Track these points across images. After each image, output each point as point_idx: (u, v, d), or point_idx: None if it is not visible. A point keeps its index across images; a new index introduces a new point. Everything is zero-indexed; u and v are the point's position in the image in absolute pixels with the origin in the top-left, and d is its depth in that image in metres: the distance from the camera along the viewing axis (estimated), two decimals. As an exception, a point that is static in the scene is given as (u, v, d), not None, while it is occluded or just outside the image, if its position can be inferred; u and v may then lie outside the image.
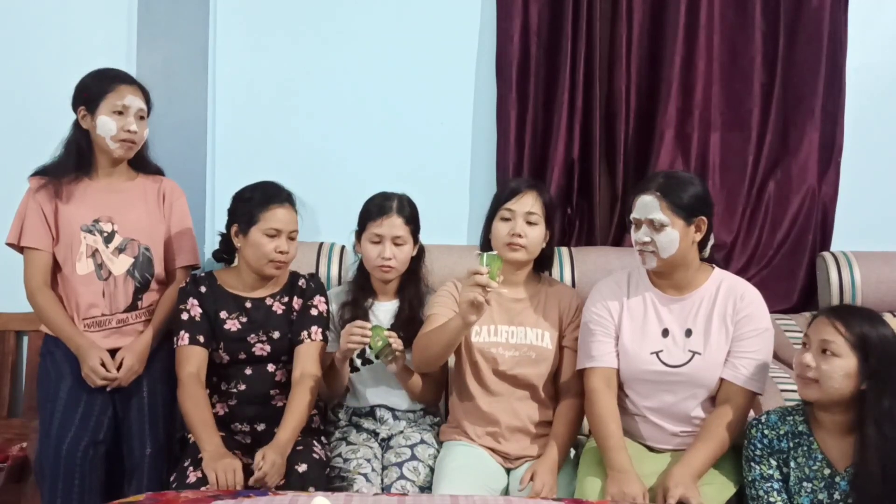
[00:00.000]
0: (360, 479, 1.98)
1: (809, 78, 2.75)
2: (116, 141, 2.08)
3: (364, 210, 2.19)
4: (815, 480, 1.68)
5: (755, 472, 1.74)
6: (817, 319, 1.70)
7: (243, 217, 2.07)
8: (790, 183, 2.78)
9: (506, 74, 2.75)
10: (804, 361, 1.67)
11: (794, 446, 1.72)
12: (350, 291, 2.25)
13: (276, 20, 2.81)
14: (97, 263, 2.10)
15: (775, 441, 1.73)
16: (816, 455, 1.69)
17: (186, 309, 2.06)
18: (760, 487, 1.72)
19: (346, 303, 2.22)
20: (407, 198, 2.20)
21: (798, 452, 1.71)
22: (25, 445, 2.35)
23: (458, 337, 1.93)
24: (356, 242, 2.22)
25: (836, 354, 1.63)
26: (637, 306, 1.98)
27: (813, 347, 1.67)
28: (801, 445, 1.71)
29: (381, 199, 2.17)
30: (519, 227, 2.02)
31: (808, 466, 1.69)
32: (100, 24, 2.78)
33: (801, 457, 1.71)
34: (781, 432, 1.73)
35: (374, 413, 2.19)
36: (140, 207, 2.18)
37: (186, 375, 1.99)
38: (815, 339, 1.67)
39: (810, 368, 1.65)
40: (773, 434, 1.73)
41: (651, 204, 1.87)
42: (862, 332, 1.62)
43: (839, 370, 1.62)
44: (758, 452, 1.74)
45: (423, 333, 2.03)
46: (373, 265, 2.16)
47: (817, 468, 1.68)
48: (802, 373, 1.67)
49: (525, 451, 2.04)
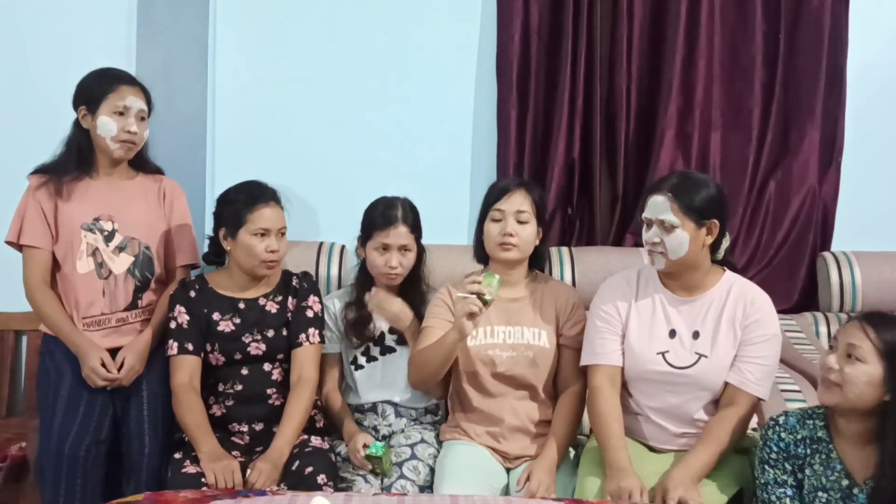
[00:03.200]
0: (360, 479, 1.98)
1: (810, 78, 2.75)
2: (117, 141, 2.08)
3: (368, 219, 2.19)
4: (832, 491, 1.61)
5: (769, 475, 1.68)
6: (848, 323, 1.63)
7: (230, 220, 2.06)
8: (791, 183, 2.78)
9: (506, 74, 2.74)
10: (828, 363, 1.60)
11: (812, 453, 1.65)
12: (353, 291, 2.26)
13: (275, 20, 2.81)
14: (97, 262, 2.09)
15: (792, 446, 1.66)
16: (835, 464, 1.62)
17: (174, 317, 2.06)
18: (773, 492, 1.67)
19: (350, 303, 2.23)
20: (409, 203, 2.20)
21: (815, 459, 1.64)
22: (24, 445, 2.35)
23: (454, 350, 1.96)
24: (359, 247, 2.23)
25: (861, 360, 1.56)
26: (645, 306, 1.97)
27: (839, 350, 1.61)
28: (819, 452, 1.64)
29: (384, 208, 2.17)
30: (510, 227, 2.02)
31: (825, 476, 1.62)
32: (100, 24, 2.78)
33: (818, 464, 1.64)
34: (799, 437, 1.66)
35: (375, 408, 2.19)
36: (140, 206, 2.17)
37: (178, 385, 2.01)
38: (843, 342, 1.60)
39: (833, 371, 1.59)
40: (790, 438, 1.67)
41: (662, 204, 1.85)
42: (893, 341, 1.54)
43: (863, 376, 1.55)
44: (773, 456, 1.68)
45: (419, 350, 2.04)
46: (379, 273, 2.17)
47: (835, 478, 1.61)
48: (825, 375, 1.61)
49: (525, 450, 2.04)
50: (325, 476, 1.91)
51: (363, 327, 2.19)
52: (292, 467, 1.95)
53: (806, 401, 2.16)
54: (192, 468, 1.90)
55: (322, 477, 1.91)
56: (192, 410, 1.98)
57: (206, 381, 2.08)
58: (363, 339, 2.20)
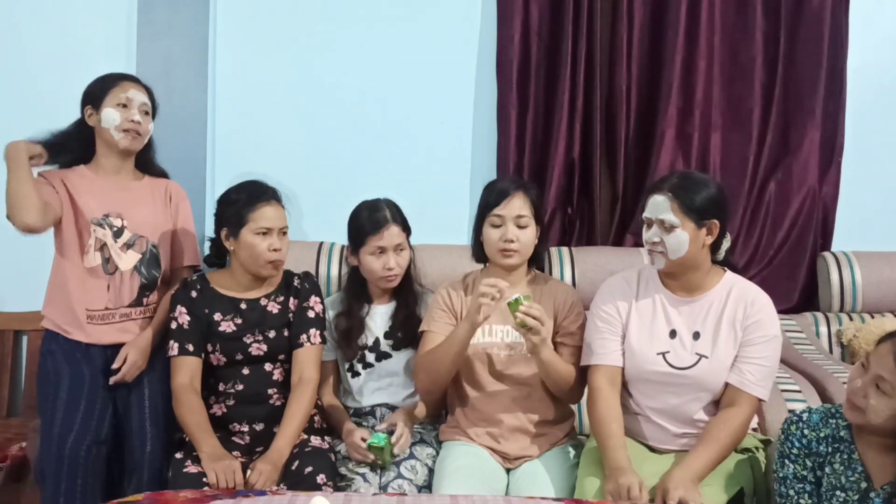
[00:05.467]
0: (359, 479, 1.98)
1: (810, 78, 2.75)
2: (120, 130, 2.08)
3: (357, 225, 2.18)
4: (850, 491, 1.60)
5: (788, 469, 1.67)
6: (882, 347, 1.54)
7: (231, 220, 2.06)
8: (791, 183, 2.79)
9: (506, 74, 2.75)
10: (856, 386, 1.56)
11: (833, 451, 1.64)
12: (343, 300, 2.25)
13: (275, 20, 2.81)
14: (105, 258, 2.10)
15: (814, 443, 1.65)
16: (856, 466, 1.59)
17: (175, 317, 2.06)
18: (791, 486, 1.67)
19: (341, 313, 2.22)
20: (392, 203, 2.20)
21: (836, 459, 1.63)
22: (24, 445, 2.34)
23: (466, 344, 1.93)
24: (349, 255, 2.22)
25: (888, 395, 1.50)
26: (646, 306, 1.96)
27: (868, 376, 1.54)
28: (840, 452, 1.63)
29: (371, 212, 2.16)
30: (511, 233, 2.00)
31: (844, 475, 1.61)
32: (100, 24, 2.79)
33: (837, 463, 1.62)
34: (822, 435, 1.65)
35: (374, 412, 2.19)
36: (148, 206, 2.18)
37: (179, 386, 2.01)
38: (874, 369, 1.53)
39: (859, 396, 1.55)
40: (812, 435, 1.65)
41: (662, 204, 1.85)
42: None
43: (887, 409, 1.50)
44: (794, 451, 1.67)
45: (425, 353, 2.01)
46: (378, 276, 2.16)
47: (855, 479, 1.59)
48: (852, 397, 1.58)
49: (524, 450, 2.03)
50: (324, 476, 1.91)
51: (356, 337, 2.19)
52: (292, 467, 1.95)
53: (806, 401, 2.16)
54: (193, 468, 1.90)
55: (322, 477, 1.91)
56: (193, 411, 1.98)
57: (206, 381, 2.07)
58: (356, 348, 2.19)
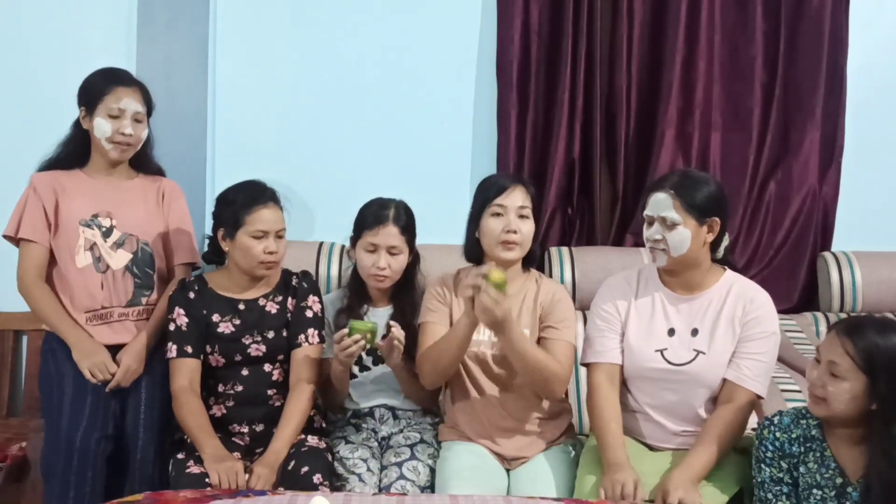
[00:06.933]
0: (354, 479, 1.97)
1: (810, 78, 2.75)
2: (111, 143, 2.09)
3: (360, 217, 2.17)
4: (826, 488, 1.63)
5: (765, 473, 1.70)
6: (828, 335, 1.63)
7: (228, 220, 2.05)
8: (791, 183, 2.78)
9: (506, 74, 2.75)
10: (813, 378, 1.62)
11: (806, 451, 1.67)
12: (345, 297, 2.24)
13: (275, 19, 2.81)
14: (95, 257, 2.10)
15: (787, 445, 1.68)
16: (829, 462, 1.63)
17: (173, 318, 2.05)
18: (769, 490, 1.69)
19: (342, 309, 2.20)
20: (404, 205, 2.17)
21: (809, 458, 1.66)
22: (24, 445, 2.34)
23: (470, 335, 1.90)
24: (350, 248, 2.21)
25: (842, 378, 1.56)
26: (645, 305, 1.97)
27: (822, 365, 1.62)
28: (812, 451, 1.66)
29: (377, 208, 2.14)
30: (513, 223, 1.98)
31: (819, 473, 1.64)
32: (100, 23, 2.78)
33: (812, 462, 1.66)
34: (793, 436, 1.68)
35: (373, 413, 2.18)
36: (139, 205, 2.18)
37: (178, 388, 2.00)
38: (824, 357, 1.61)
39: (818, 387, 1.61)
40: (784, 437, 1.68)
41: (664, 202, 1.86)
42: (871, 353, 1.54)
43: (845, 393, 1.55)
44: (769, 455, 1.70)
45: (428, 348, 1.98)
46: (367, 274, 2.14)
47: (829, 476, 1.63)
48: (812, 389, 1.63)
49: (521, 451, 2.03)
50: (321, 476, 1.90)
51: None
52: (288, 467, 1.94)
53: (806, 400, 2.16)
54: (196, 468, 1.89)
55: (318, 476, 1.90)
56: (194, 413, 1.97)
57: (205, 382, 2.07)
58: None
